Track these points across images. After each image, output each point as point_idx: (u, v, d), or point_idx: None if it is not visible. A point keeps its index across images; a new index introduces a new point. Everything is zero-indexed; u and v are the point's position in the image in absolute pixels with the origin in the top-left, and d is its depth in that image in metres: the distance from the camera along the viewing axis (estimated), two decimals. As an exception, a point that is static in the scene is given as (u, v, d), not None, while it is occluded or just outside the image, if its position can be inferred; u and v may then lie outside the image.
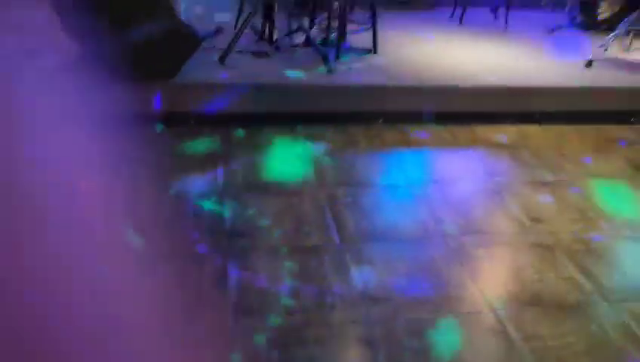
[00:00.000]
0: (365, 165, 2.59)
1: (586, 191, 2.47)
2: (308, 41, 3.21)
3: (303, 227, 2.06)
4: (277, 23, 3.26)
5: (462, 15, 4.29)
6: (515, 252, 2.05)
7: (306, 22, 3.42)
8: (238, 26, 3.13)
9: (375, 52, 3.42)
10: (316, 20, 3.49)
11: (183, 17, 2.72)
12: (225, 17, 3.76)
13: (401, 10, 4.68)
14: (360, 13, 3.75)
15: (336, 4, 3.24)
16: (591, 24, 4.33)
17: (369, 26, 3.40)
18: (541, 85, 3.15)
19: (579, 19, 4.38)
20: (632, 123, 3.16)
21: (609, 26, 4.02)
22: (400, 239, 2.06)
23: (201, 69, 2.88)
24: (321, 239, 2.01)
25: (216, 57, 3.01)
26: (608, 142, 2.96)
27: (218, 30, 3.54)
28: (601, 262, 2.01)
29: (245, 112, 2.82)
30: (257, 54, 3.19)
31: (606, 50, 3.63)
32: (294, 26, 3.28)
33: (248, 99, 2.81)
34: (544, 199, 2.38)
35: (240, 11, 3.48)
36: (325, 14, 3.36)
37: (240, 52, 3.14)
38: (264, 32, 3.27)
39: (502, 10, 4.41)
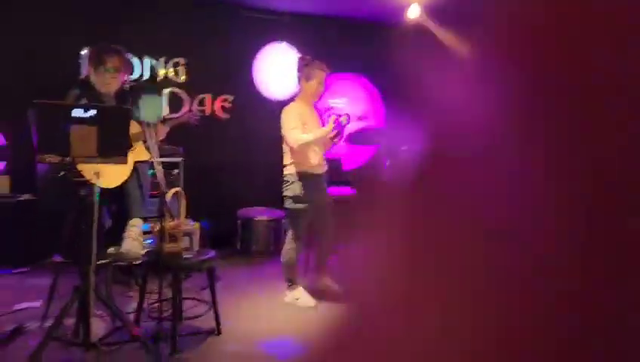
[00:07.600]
0: None
1: None
2: (135, 337, 2.62)
3: None
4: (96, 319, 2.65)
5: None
6: None
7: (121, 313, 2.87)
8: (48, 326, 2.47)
9: (219, 333, 2.94)
10: (146, 306, 2.97)
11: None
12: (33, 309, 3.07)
13: (242, 262, 4.41)
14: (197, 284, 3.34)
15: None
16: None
17: (210, 305, 2.96)
18: None
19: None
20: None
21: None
22: None
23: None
24: None
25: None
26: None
27: (17, 330, 2.82)
28: None
29: None
30: (68, 363, 2.50)
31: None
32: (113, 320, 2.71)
33: None
34: None
35: (49, 302, 2.83)
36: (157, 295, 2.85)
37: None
38: (77, 331, 2.63)
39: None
